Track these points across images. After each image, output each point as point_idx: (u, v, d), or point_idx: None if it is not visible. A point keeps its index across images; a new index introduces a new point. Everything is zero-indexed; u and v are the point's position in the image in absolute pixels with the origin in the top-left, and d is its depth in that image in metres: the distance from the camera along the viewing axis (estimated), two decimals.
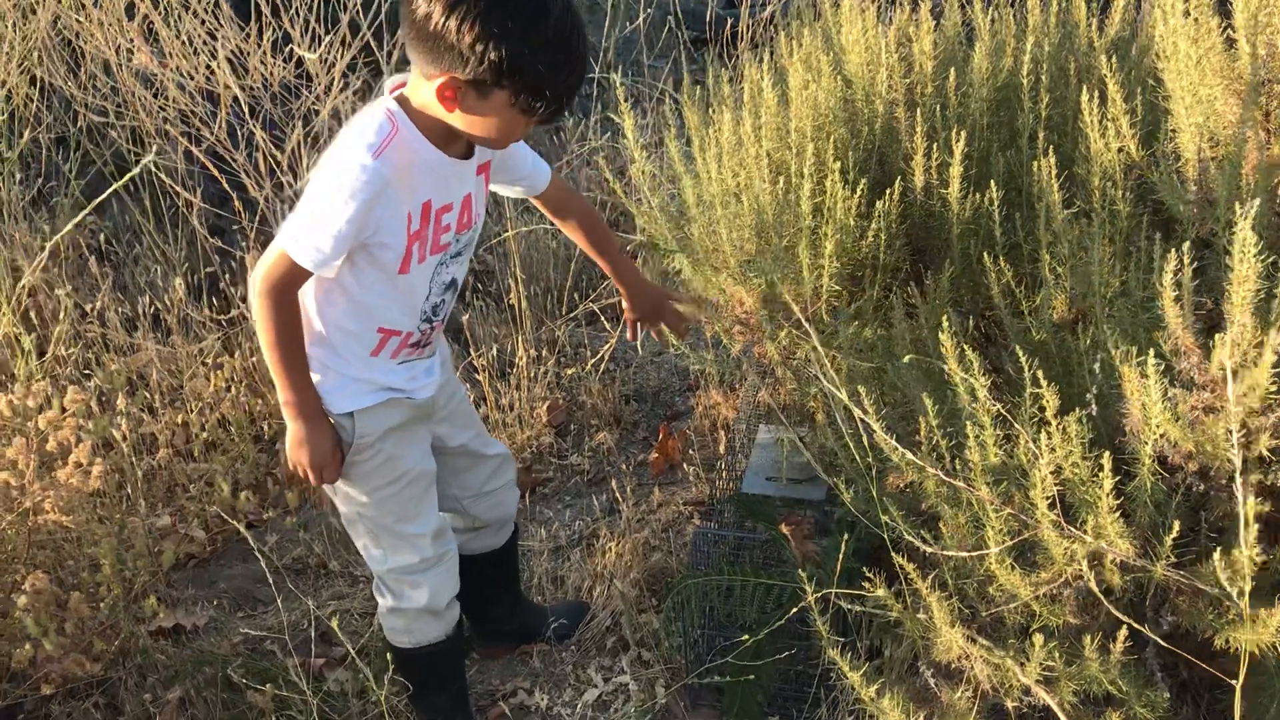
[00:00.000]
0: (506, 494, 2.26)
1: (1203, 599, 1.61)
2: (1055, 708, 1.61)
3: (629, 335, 2.35)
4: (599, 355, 3.34)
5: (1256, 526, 1.43)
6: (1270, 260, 1.52)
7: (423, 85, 1.70)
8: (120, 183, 3.01)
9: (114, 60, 3.29)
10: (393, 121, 1.74)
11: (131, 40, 3.23)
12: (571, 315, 3.54)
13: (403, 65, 1.91)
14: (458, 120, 1.72)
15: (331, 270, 1.78)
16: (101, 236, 3.62)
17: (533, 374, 3.22)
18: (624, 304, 2.31)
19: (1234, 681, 1.52)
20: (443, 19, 1.61)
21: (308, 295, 1.86)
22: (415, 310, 1.90)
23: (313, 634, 2.45)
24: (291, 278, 1.78)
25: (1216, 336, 1.49)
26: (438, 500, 2.10)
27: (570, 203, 2.21)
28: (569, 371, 3.35)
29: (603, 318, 3.50)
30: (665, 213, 2.41)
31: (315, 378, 1.88)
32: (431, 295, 1.91)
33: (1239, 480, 1.35)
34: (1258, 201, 1.50)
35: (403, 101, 1.76)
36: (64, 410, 2.32)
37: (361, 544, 2.06)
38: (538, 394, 3.21)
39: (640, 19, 4.18)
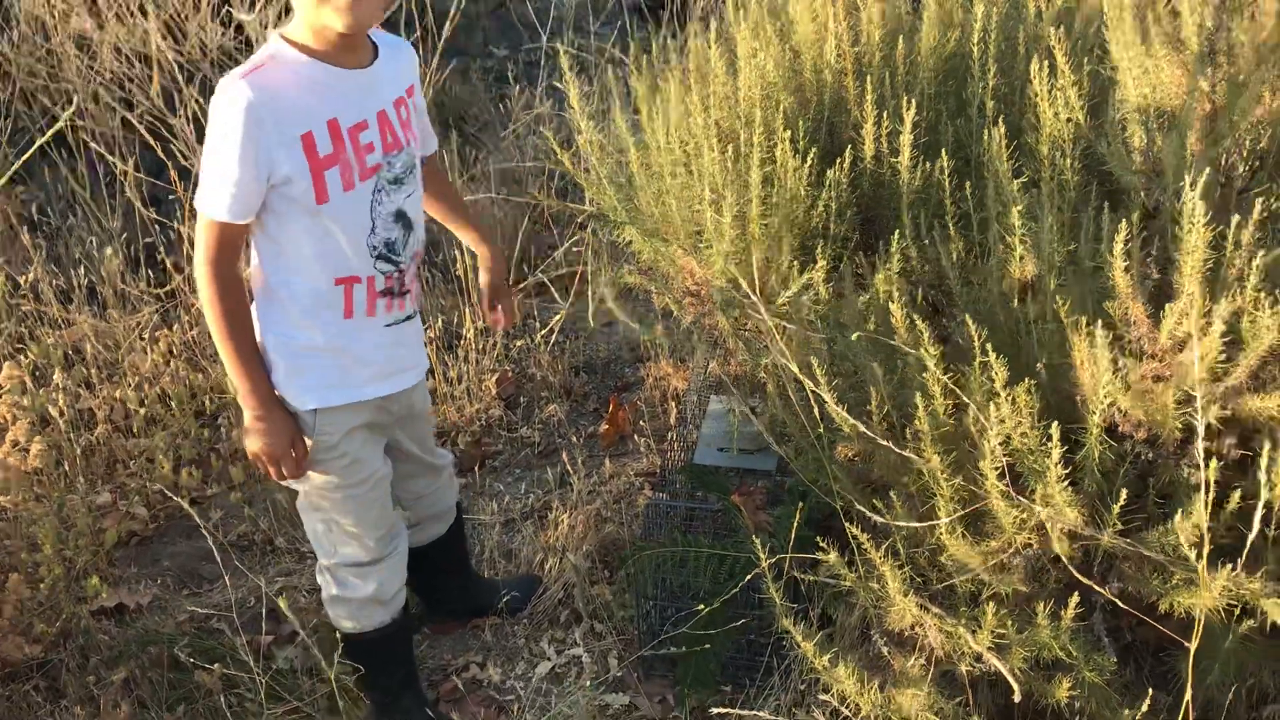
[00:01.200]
0: (445, 491, 2.24)
1: (1148, 565, 1.64)
2: (1006, 674, 1.62)
3: (484, 307, 2.25)
4: (548, 327, 3.32)
5: (1201, 494, 1.45)
6: (1218, 229, 1.54)
7: (299, 13, 1.70)
8: (45, 138, 2.91)
9: (51, 22, 3.19)
10: (268, 53, 1.71)
11: (68, 2, 3.12)
12: (521, 286, 3.51)
13: None
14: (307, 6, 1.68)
15: (251, 214, 1.72)
16: (34, 206, 3.52)
17: (481, 346, 3.19)
18: (481, 275, 2.23)
19: (1184, 644, 1.54)
20: None
21: (261, 265, 1.80)
22: (362, 248, 1.81)
23: (261, 611, 2.42)
24: (222, 241, 1.72)
25: (1166, 306, 1.51)
26: None
27: (438, 177, 2.17)
28: (518, 343, 3.32)
29: (552, 289, 3.47)
30: (613, 183, 2.39)
31: (283, 365, 1.81)
32: (377, 229, 1.82)
33: (1199, 446, 1.36)
34: (1206, 171, 1.51)
35: (285, 35, 1.74)
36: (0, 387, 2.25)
37: (312, 533, 2.02)
38: (486, 366, 3.18)
39: None
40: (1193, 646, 1.45)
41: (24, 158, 2.86)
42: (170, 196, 3.25)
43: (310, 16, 1.69)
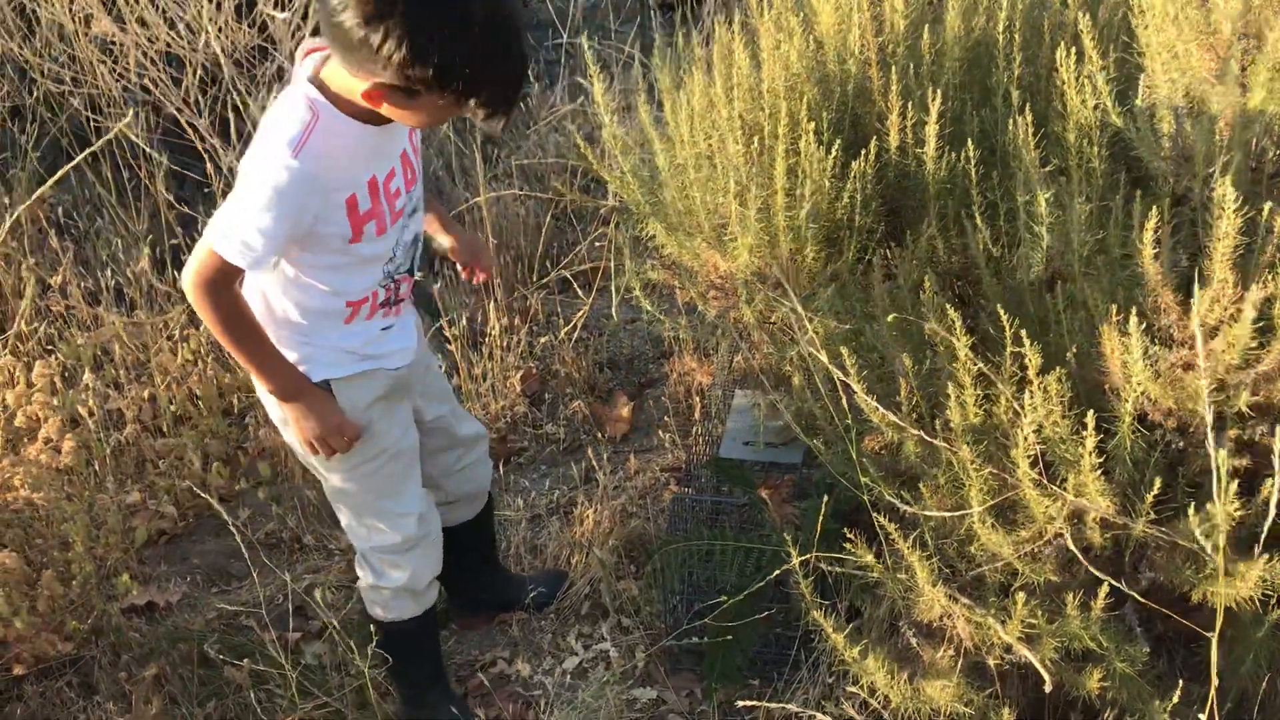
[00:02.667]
0: (479, 468, 2.23)
1: (1180, 554, 1.62)
2: (1037, 664, 1.61)
3: (464, 276, 2.19)
4: (572, 323, 3.32)
5: (1234, 481, 1.43)
6: (1249, 215, 1.53)
7: (345, 74, 1.60)
8: (85, 154, 2.94)
9: (72, 27, 3.21)
10: (313, 110, 1.63)
11: (89, 7, 3.15)
12: (543, 283, 3.51)
13: None
14: (385, 113, 1.62)
15: (269, 266, 1.70)
16: (60, 209, 3.54)
17: (505, 343, 3.20)
18: (449, 248, 2.15)
19: (1210, 635, 1.52)
20: (361, 32, 1.49)
21: (266, 285, 1.78)
22: (379, 273, 1.83)
23: (289, 608, 2.43)
24: (224, 275, 1.68)
25: (1197, 292, 1.49)
26: None
27: None
28: (542, 340, 3.32)
29: (575, 285, 3.47)
30: (638, 177, 2.38)
31: (291, 355, 1.81)
32: (396, 256, 1.84)
33: (1210, 436, 1.34)
34: (1236, 155, 1.49)
35: (321, 85, 1.65)
36: (31, 386, 2.27)
37: (345, 521, 2.03)
38: (511, 363, 3.18)
39: None
40: (1213, 637, 1.44)
41: (61, 173, 2.87)
42: (205, 190, 3.26)
43: (362, 100, 1.61)
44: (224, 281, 1.69)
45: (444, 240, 2.11)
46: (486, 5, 1.52)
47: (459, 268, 2.17)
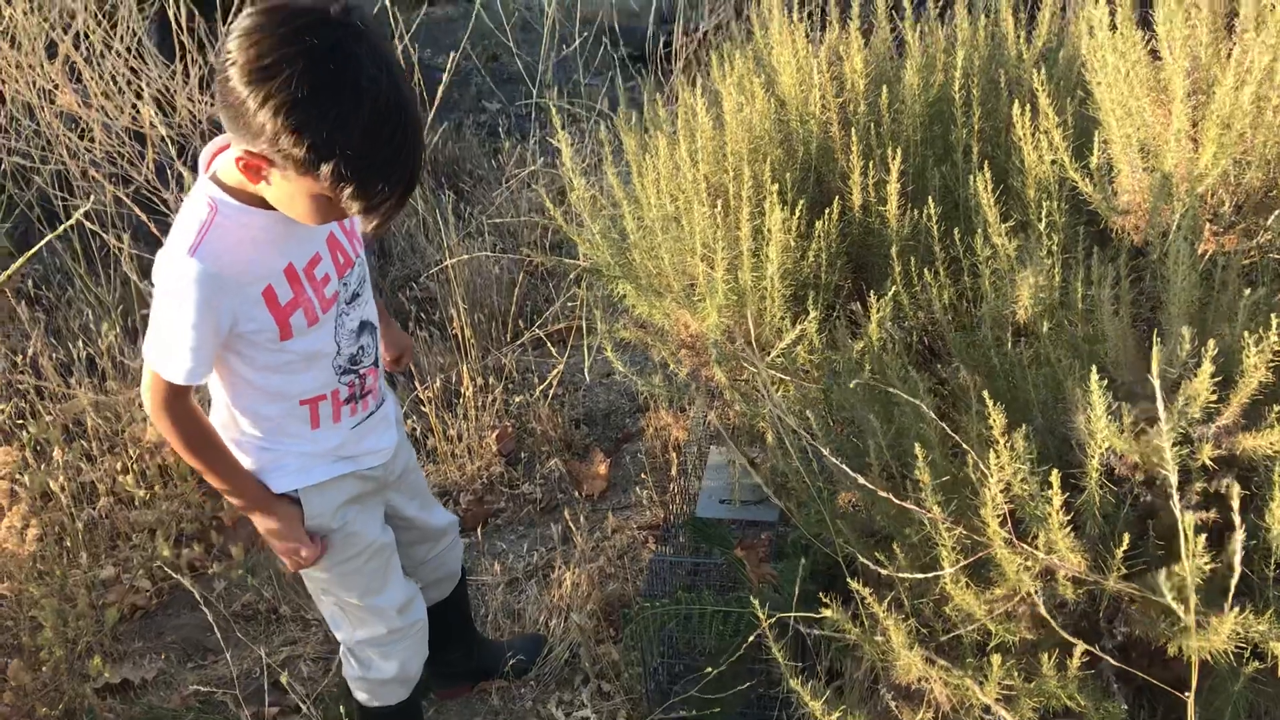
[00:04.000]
0: (450, 553, 2.19)
1: (1154, 607, 1.62)
2: None
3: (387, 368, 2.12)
4: (547, 381, 3.32)
5: (1202, 536, 1.44)
6: (1205, 268, 1.54)
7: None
8: (53, 235, 2.94)
9: (36, 102, 3.22)
10: (211, 206, 1.55)
11: (54, 82, 3.16)
12: (518, 341, 3.52)
13: None
14: (266, 192, 1.53)
15: (206, 375, 1.65)
16: (30, 281, 3.53)
17: (480, 403, 3.19)
18: (388, 347, 2.06)
19: (1188, 689, 1.52)
20: (243, 92, 1.39)
21: (218, 392, 1.74)
22: (328, 369, 1.76)
23: (265, 683, 2.40)
24: (172, 392, 1.64)
25: (1154, 349, 1.51)
26: None
27: None
28: (517, 399, 3.32)
29: (548, 343, 3.48)
30: (607, 239, 2.40)
31: (250, 463, 1.77)
32: (342, 349, 1.77)
33: (1175, 497, 1.35)
34: (1192, 209, 1.51)
35: (219, 179, 1.58)
36: None
37: (328, 614, 1.99)
38: (486, 423, 3.18)
39: (577, 42, 4.17)
40: (1190, 696, 1.43)
41: (30, 253, 2.87)
42: None
43: (252, 187, 1.54)
44: (174, 398, 1.65)
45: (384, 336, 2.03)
46: (384, 93, 1.42)
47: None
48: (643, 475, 2.96)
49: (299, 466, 1.79)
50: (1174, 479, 1.33)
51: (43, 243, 2.96)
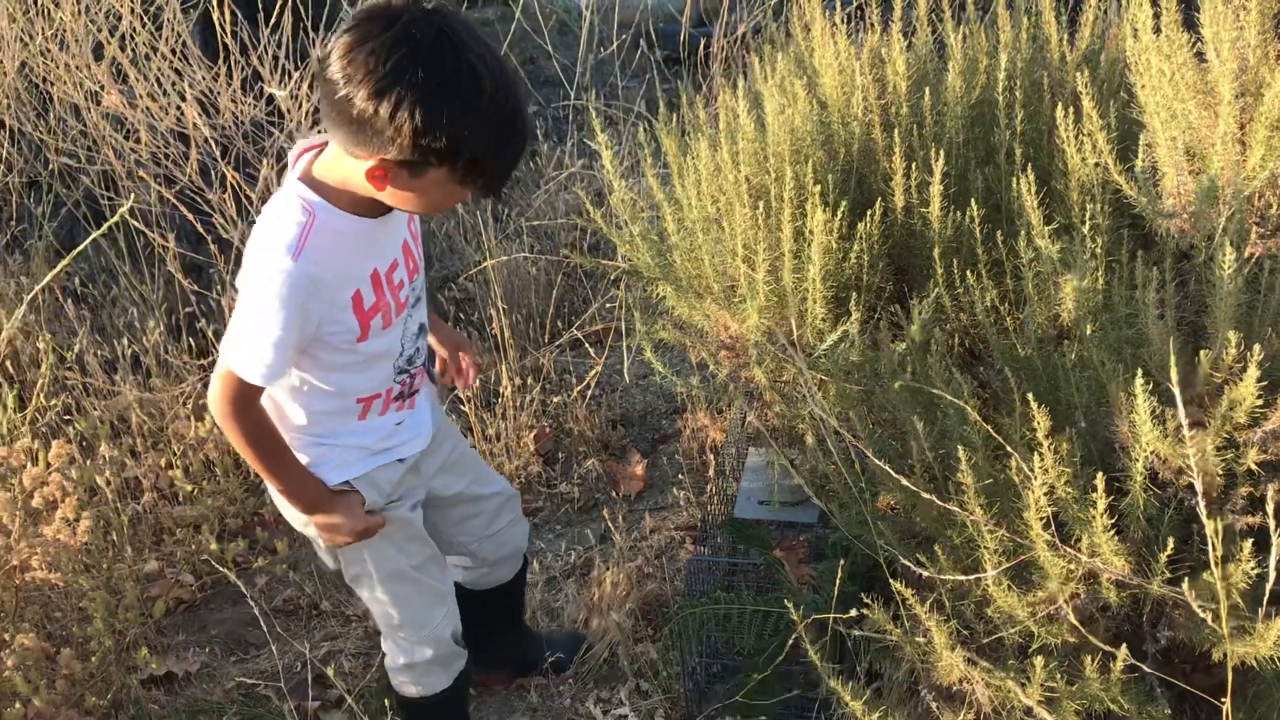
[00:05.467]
0: (513, 529, 2.20)
1: (1197, 613, 1.62)
2: None
3: (445, 379, 2.14)
4: (584, 381, 3.34)
5: (1248, 542, 1.44)
6: (1251, 272, 1.54)
7: (345, 160, 1.57)
8: (97, 233, 2.99)
9: (83, 103, 3.27)
10: (308, 211, 1.59)
11: (100, 83, 3.21)
12: (555, 342, 3.54)
13: None
14: (387, 197, 1.59)
15: (284, 375, 1.70)
16: (77, 279, 3.59)
17: (518, 403, 3.21)
18: (439, 346, 2.10)
19: (1223, 701, 1.52)
20: (370, 105, 1.46)
21: (275, 392, 1.77)
22: (389, 369, 1.82)
23: (308, 677, 2.43)
24: (245, 394, 1.68)
25: (1201, 353, 1.50)
26: (447, 546, 2.09)
27: None
28: (555, 399, 3.34)
29: (586, 344, 3.49)
30: (646, 240, 2.41)
31: (305, 458, 1.80)
32: (405, 349, 1.83)
33: (1201, 504, 1.34)
34: (1237, 213, 1.51)
35: (314, 182, 1.62)
36: (48, 465, 2.29)
37: (366, 598, 2.00)
38: (524, 423, 3.20)
39: (614, 44, 4.18)
40: (1226, 703, 1.43)
41: (76, 251, 2.92)
42: (208, 269, 3.31)
43: (364, 188, 1.59)
44: (246, 401, 1.68)
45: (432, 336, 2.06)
46: (495, 78, 1.50)
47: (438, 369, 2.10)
48: (680, 476, 2.97)
49: (343, 460, 1.83)
50: (1199, 484, 1.33)
51: (88, 241, 3.01)
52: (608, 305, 3.57)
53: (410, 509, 1.96)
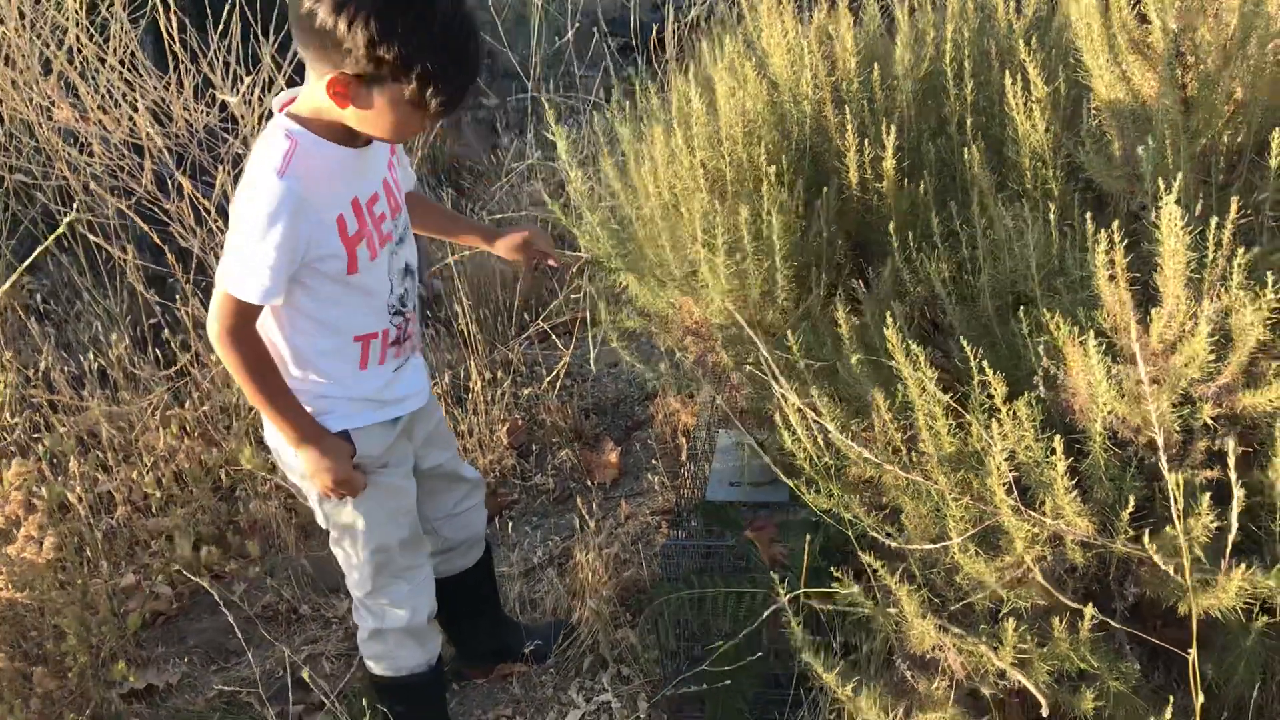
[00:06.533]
0: (475, 514, 2.28)
1: (1163, 569, 1.63)
2: (1032, 689, 1.62)
3: (546, 265, 2.25)
4: (554, 372, 3.34)
5: (1206, 495, 1.45)
6: (1198, 231, 1.55)
7: (318, 89, 1.69)
8: (46, 243, 2.97)
9: (34, 119, 3.24)
10: (290, 138, 1.72)
11: (50, 98, 3.18)
12: (524, 335, 3.53)
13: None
14: (350, 117, 1.71)
15: (279, 297, 1.77)
16: (39, 296, 3.56)
17: (489, 396, 3.21)
18: (508, 254, 2.24)
19: (1189, 652, 1.53)
20: (330, 18, 1.59)
21: (274, 332, 1.85)
22: (382, 307, 1.90)
23: (289, 681, 2.42)
24: (243, 316, 1.77)
25: (1153, 311, 1.52)
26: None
27: (425, 203, 2.24)
28: (526, 391, 3.34)
29: (554, 335, 3.49)
30: (606, 229, 2.41)
31: (310, 408, 1.88)
32: (394, 287, 1.91)
33: (1162, 458, 1.36)
34: (1181, 174, 1.52)
35: (294, 116, 1.75)
36: (10, 484, 2.27)
37: (343, 560, 2.07)
38: (496, 416, 3.20)
39: (570, 33, 4.17)
40: (1192, 653, 1.45)
41: (27, 261, 2.90)
42: (170, 280, 3.29)
43: (333, 110, 1.71)
44: (244, 323, 1.77)
45: (500, 247, 2.21)
46: (450, 1, 1.64)
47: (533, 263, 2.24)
48: (654, 461, 2.98)
49: (346, 411, 1.91)
50: (1160, 439, 1.34)
51: (38, 252, 2.99)
52: (574, 296, 3.57)
53: (403, 478, 2.03)
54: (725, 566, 2.26)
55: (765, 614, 1.92)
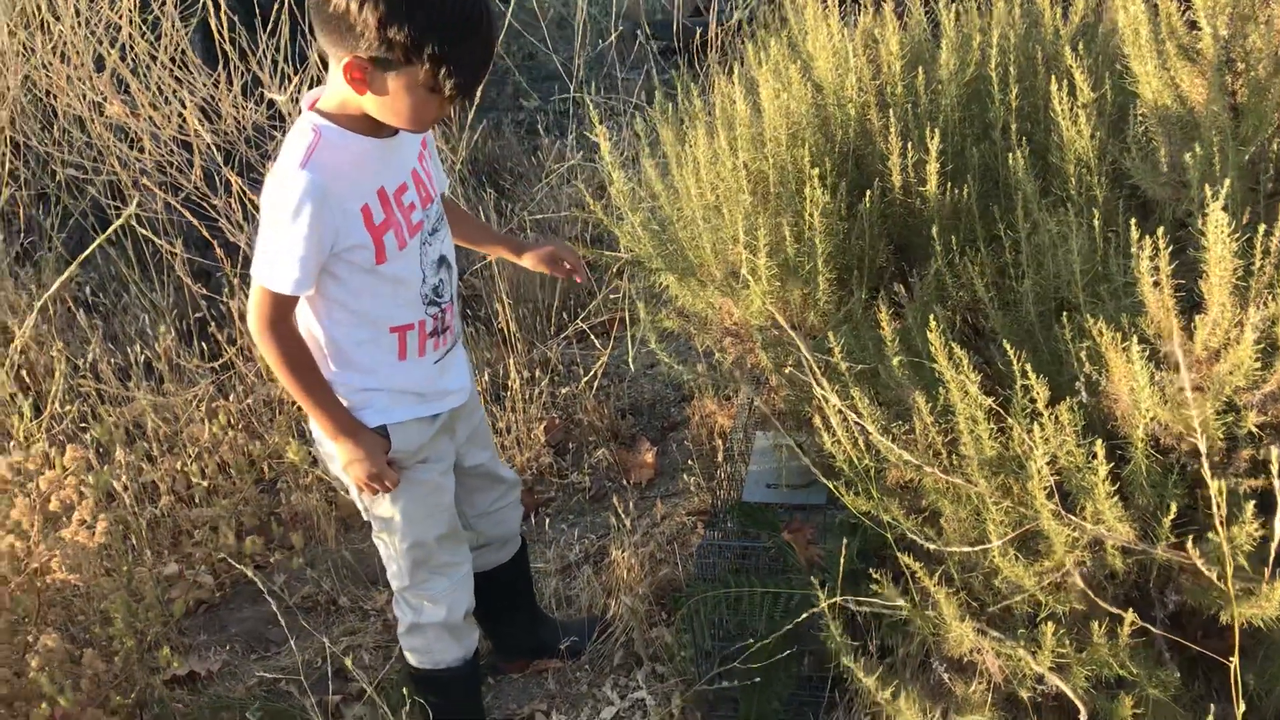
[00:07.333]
0: (510, 511, 2.31)
1: (1204, 577, 1.63)
2: (1070, 693, 1.62)
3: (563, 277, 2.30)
4: (592, 372, 3.36)
5: (1250, 504, 1.45)
6: (1245, 238, 1.55)
7: (335, 75, 1.72)
8: (101, 238, 3.03)
9: (86, 115, 3.30)
10: (315, 131, 1.76)
11: (102, 94, 3.24)
12: (562, 335, 3.56)
13: None
14: (370, 104, 1.73)
15: (311, 287, 1.80)
16: (88, 288, 3.62)
17: (527, 395, 3.24)
18: (534, 267, 2.26)
19: (1230, 660, 1.53)
20: (344, 2, 1.62)
21: (314, 325, 1.88)
22: (415, 298, 1.92)
23: (328, 671, 2.46)
24: (278, 308, 1.80)
25: (1197, 318, 1.52)
26: None
27: (458, 210, 2.25)
28: (563, 391, 3.36)
29: (592, 335, 3.51)
30: (647, 230, 2.43)
31: (347, 402, 1.91)
32: (427, 278, 1.93)
33: (1205, 466, 1.36)
34: (1229, 181, 1.52)
35: (319, 111, 1.78)
36: (65, 470, 2.32)
37: (385, 554, 2.10)
38: (534, 414, 3.22)
39: (613, 35, 4.20)
40: (1234, 662, 1.44)
41: (82, 256, 2.96)
42: (216, 274, 3.34)
43: (353, 99, 1.74)
44: (280, 316, 1.81)
45: (527, 260, 2.24)
46: None
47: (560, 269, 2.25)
48: (689, 462, 2.99)
49: (385, 405, 1.93)
50: (1203, 445, 1.34)
51: (93, 246, 3.05)
52: (612, 296, 3.59)
53: (441, 474, 2.04)
54: (761, 567, 2.27)
55: (804, 615, 1.92)
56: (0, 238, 3.60)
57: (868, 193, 2.18)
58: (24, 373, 3.26)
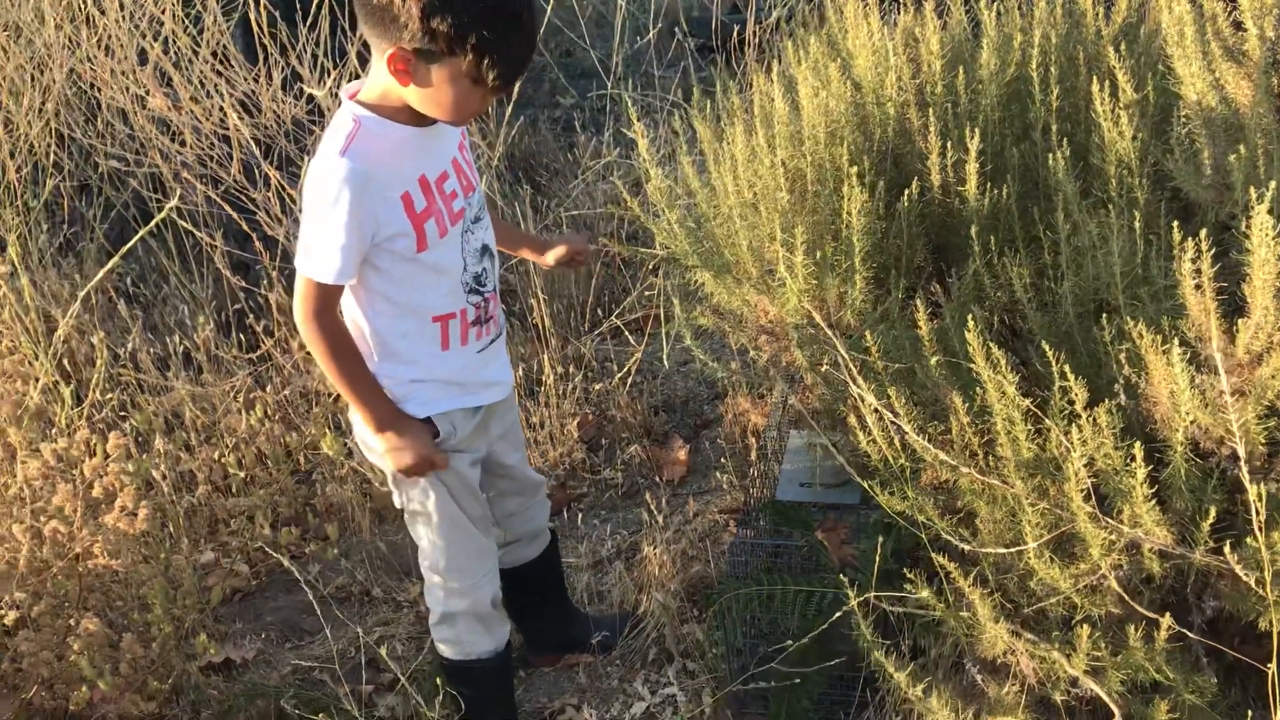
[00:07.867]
0: (537, 509, 2.32)
1: (1243, 582, 1.62)
2: (1104, 697, 1.61)
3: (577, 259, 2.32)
4: (625, 369, 3.36)
5: None
6: None
7: (378, 66, 1.73)
8: (143, 231, 3.06)
9: (129, 107, 3.34)
10: (354, 120, 1.77)
11: (145, 87, 3.28)
12: (596, 331, 3.57)
13: None
14: (412, 95, 1.74)
15: (354, 276, 1.82)
16: (129, 279, 3.67)
17: (561, 391, 3.25)
18: (557, 266, 2.31)
19: (1269, 666, 1.52)
20: None
21: (359, 317, 1.90)
22: (457, 286, 1.93)
23: (361, 661, 2.48)
24: (323, 299, 1.82)
25: (1239, 322, 1.50)
26: None
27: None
28: (597, 387, 3.37)
29: (626, 332, 3.52)
30: (683, 227, 2.43)
31: (392, 394, 1.92)
32: (468, 266, 1.94)
33: (1244, 469, 1.35)
34: (1274, 184, 1.50)
35: (360, 102, 1.79)
36: (107, 456, 2.36)
37: (421, 543, 2.11)
38: (567, 410, 3.23)
39: (651, 33, 4.20)
40: (1273, 667, 1.43)
41: (125, 249, 3.00)
42: (255, 266, 3.37)
43: (395, 90, 1.75)
44: (325, 306, 1.83)
45: (549, 257, 2.26)
46: None
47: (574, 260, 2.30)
48: (722, 460, 2.99)
49: (429, 396, 1.95)
50: (1242, 450, 1.33)
51: (136, 238, 3.09)
52: (647, 293, 3.59)
53: (470, 465, 2.06)
54: (794, 566, 2.27)
55: (837, 614, 1.92)
56: (44, 228, 3.65)
57: (906, 192, 2.17)
58: (65, 361, 3.31)
